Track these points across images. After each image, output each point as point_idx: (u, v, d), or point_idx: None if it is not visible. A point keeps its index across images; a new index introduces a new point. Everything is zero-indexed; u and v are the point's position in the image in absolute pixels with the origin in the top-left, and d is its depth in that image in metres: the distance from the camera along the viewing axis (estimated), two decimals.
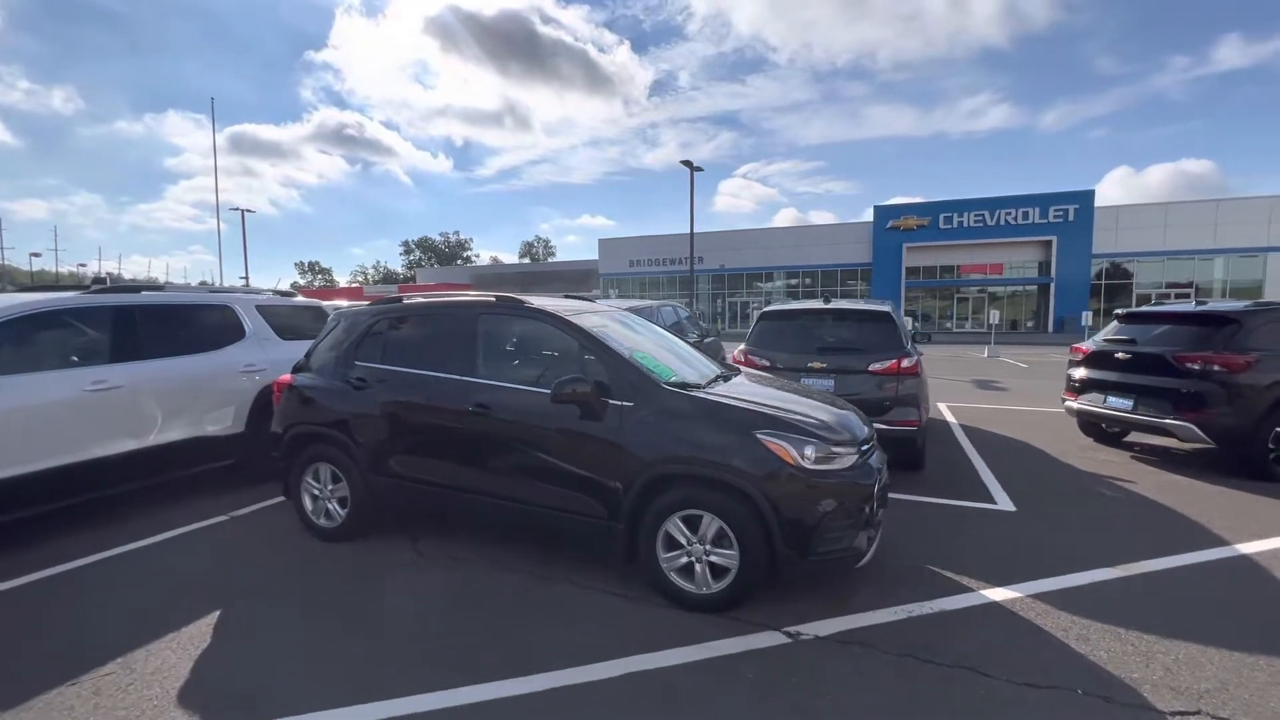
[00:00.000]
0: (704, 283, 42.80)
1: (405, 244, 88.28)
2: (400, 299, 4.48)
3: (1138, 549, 4.10)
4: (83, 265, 70.99)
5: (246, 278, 38.53)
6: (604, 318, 4.20)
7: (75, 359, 4.39)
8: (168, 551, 4.19)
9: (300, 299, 6.43)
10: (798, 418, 3.36)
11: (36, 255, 64.61)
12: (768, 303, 38.95)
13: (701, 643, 3.03)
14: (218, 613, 3.33)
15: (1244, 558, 3.98)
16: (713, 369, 4.31)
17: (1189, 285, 33.01)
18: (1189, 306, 6.48)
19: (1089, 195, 33.27)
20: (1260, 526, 4.48)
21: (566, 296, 4.78)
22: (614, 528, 3.47)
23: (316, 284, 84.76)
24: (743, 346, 6.17)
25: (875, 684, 2.70)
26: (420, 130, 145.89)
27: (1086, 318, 20.56)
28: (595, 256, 46.97)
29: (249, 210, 38.34)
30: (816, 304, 6.28)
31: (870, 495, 3.32)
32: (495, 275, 58.36)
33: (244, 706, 2.56)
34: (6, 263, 63.73)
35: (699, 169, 26.00)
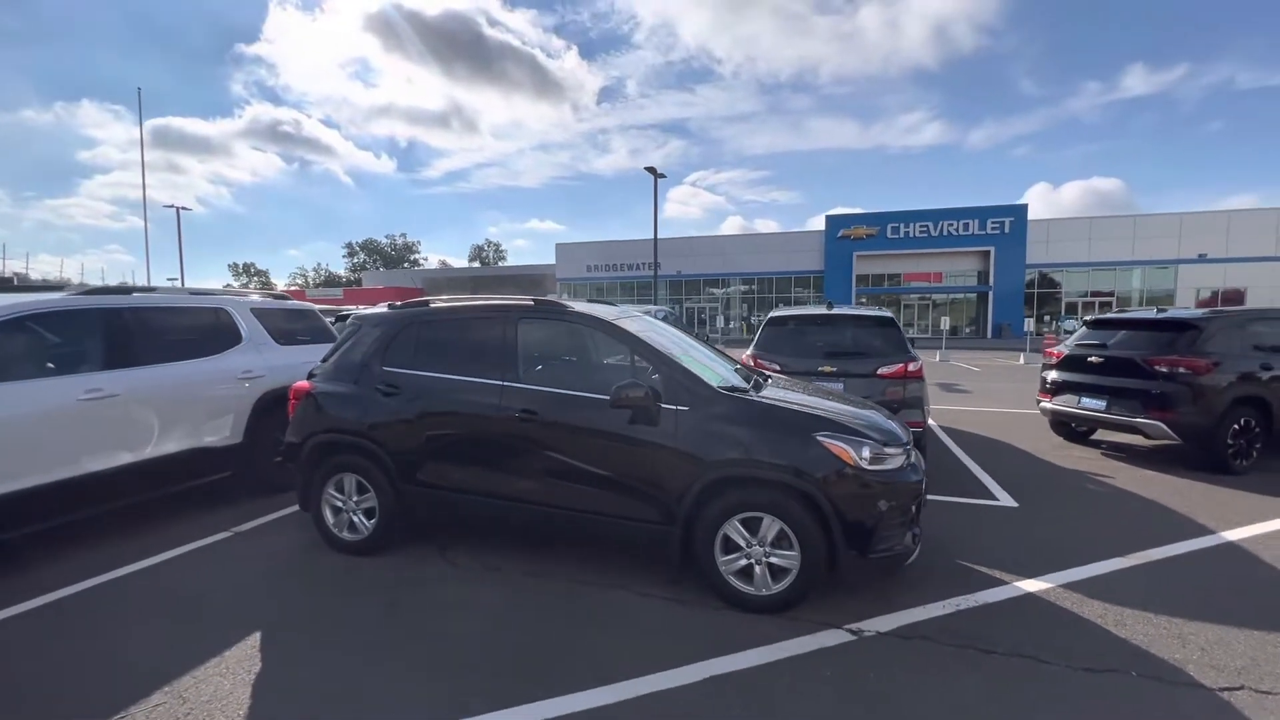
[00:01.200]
0: (662, 288, 43.08)
1: (349, 246, 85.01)
2: (427, 302, 4.34)
3: (1139, 539, 4.39)
4: None
5: (182, 279, 36.23)
6: (641, 321, 4.19)
7: (67, 366, 4.04)
8: (177, 571, 3.91)
9: (293, 302, 6.13)
10: (850, 420, 3.46)
11: None
12: (727, 307, 39.31)
13: (771, 643, 3.06)
14: (258, 634, 3.14)
15: (1232, 544, 4.33)
16: (738, 371, 4.37)
17: (1110, 294, 35.56)
18: (1151, 313, 7.01)
19: (1023, 209, 35.43)
20: (1237, 515, 4.88)
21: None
22: (669, 532, 3.47)
23: (252, 286, 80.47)
24: (750, 350, 6.27)
25: (949, 676, 2.80)
26: (362, 129, 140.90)
27: (1029, 324, 21.87)
28: (545, 261, 46.68)
29: (184, 208, 36.10)
30: (820, 309, 6.46)
31: (919, 493, 3.45)
32: (446, 279, 56.96)
33: None
34: None
35: (662, 175, 26.23)
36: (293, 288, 73.54)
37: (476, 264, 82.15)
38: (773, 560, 3.33)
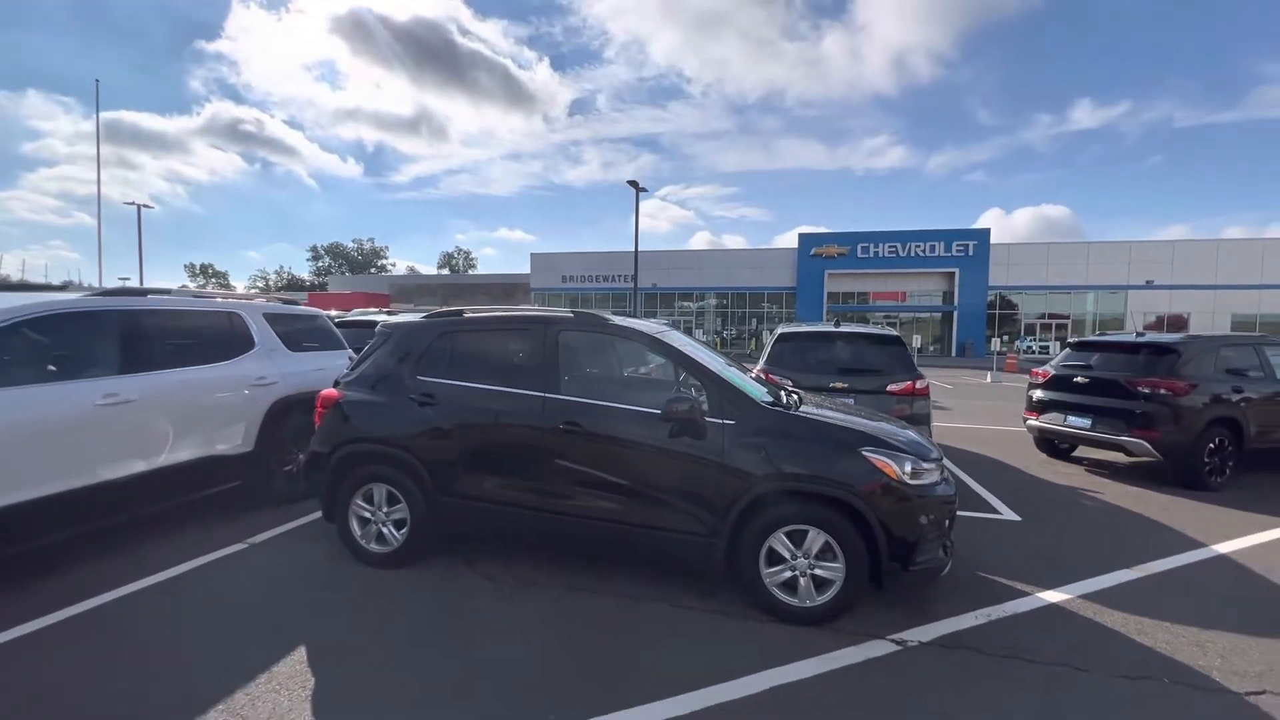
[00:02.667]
0: (637, 301, 43.29)
1: (314, 249, 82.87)
2: (460, 312, 4.32)
3: (1139, 552, 4.63)
4: None
5: (141, 279, 34.73)
6: (678, 336, 4.25)
7: (85, 369, 3.88)
8: (201, 582, 3.77)
9: (302, 307, 5.99)
10: (890, 436, 3.57)
11: None
12: (700, 319, 39.58)
13: (821, 654, 3.13)
14: (303, 649, 3.05)
15: (1224, 557, 4.60)
16: (772, 388, 4.47)
17: (1066, 317, 37.24)
18: (1132, 337, 7.41)
19: (986, 233, 36.93)
20: (1221, 529, 5.18)
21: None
22: (713, 544, 3.51)
23: (210, 288, 77.67)
24: (761, 365, 6.39)
25: (998, 685, 2.91)
26: (327, 132, 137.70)
27: (995, 344, 22.76)
28: (514, 269, 46.46)
29: (147, 206, 34.70)
30: (828, 327, 6.64)
31: (953, 508, 3.59)
32: (417, 285, 56.03)
33: None
34: None
35: (644, 189, 26.47)
36: (253, 290, 71.23)
37: (446, 271, 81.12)
38: (817, 572, 3.40)
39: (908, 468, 3.39)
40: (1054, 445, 8.08)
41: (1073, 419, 7.24)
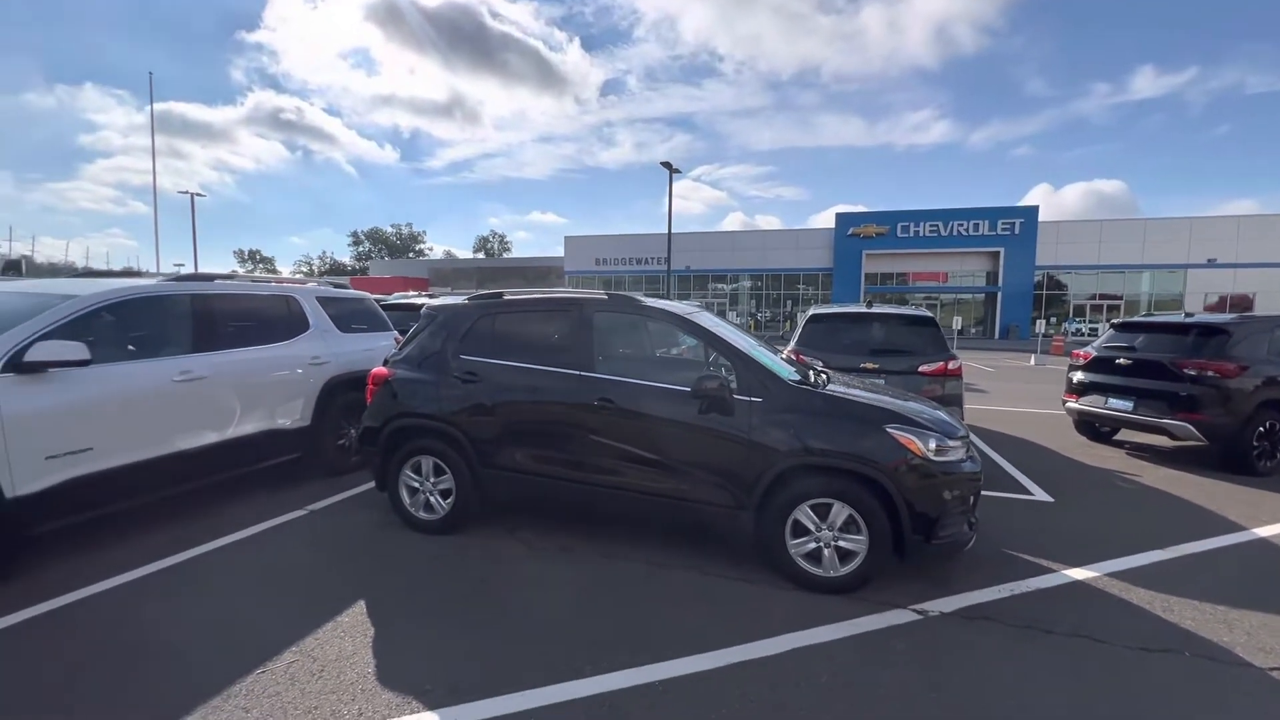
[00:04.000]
0: (671, 283, 43.26)
1: (354, 234, 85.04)
2: (500, 294, 4.54)
3: (1174, 533, 4.61)
4: None
5: (196, 265, 36.42)
6: (708, 317, 4.38)
7: (164, 349, 4.25)
8: (266, 545, 4.12)
9: (351, 291, 6.32)
10: (915, 413, 3.66)
11: None
12: (735, 302, 39.33)
13: (844, 620, 3.27)
14: (363, 603, 3.35)
15: (1265, 541, 4.53)
16: (794, 365, 4.57)
17: (1118, 298, 35.74)
18: (1179, 317, 7.19)
19: (1034, 210, 35.55)
20: (1265, 514, 5.09)
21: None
22: (740, 515, 3.67)
23: (258, 273, 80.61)
24: (792, 346, 6.46)
25: (1015, 652, 3.01)
26: (364, 119, 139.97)
27: (1040, 326, 22.06)
28: (547, 252, 46.79)
29: (198, 194, 36.25)
30: (859, 308, 6.65)
31: (977, 484, 3.66)
32: (453, 269, 57.11)
33: (453, 686, 2.63)
34: None
35: (678, 171, 26.35)
36: (297, 275, 73.71)
37: (481, 255, 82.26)
38: (840, 544, 3.54)
39: (932, 444, 3.48)
40: (1094, 428, 7.94)
41: (1114, 401, 7.11)
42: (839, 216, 38.82)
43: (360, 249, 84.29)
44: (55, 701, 2.51)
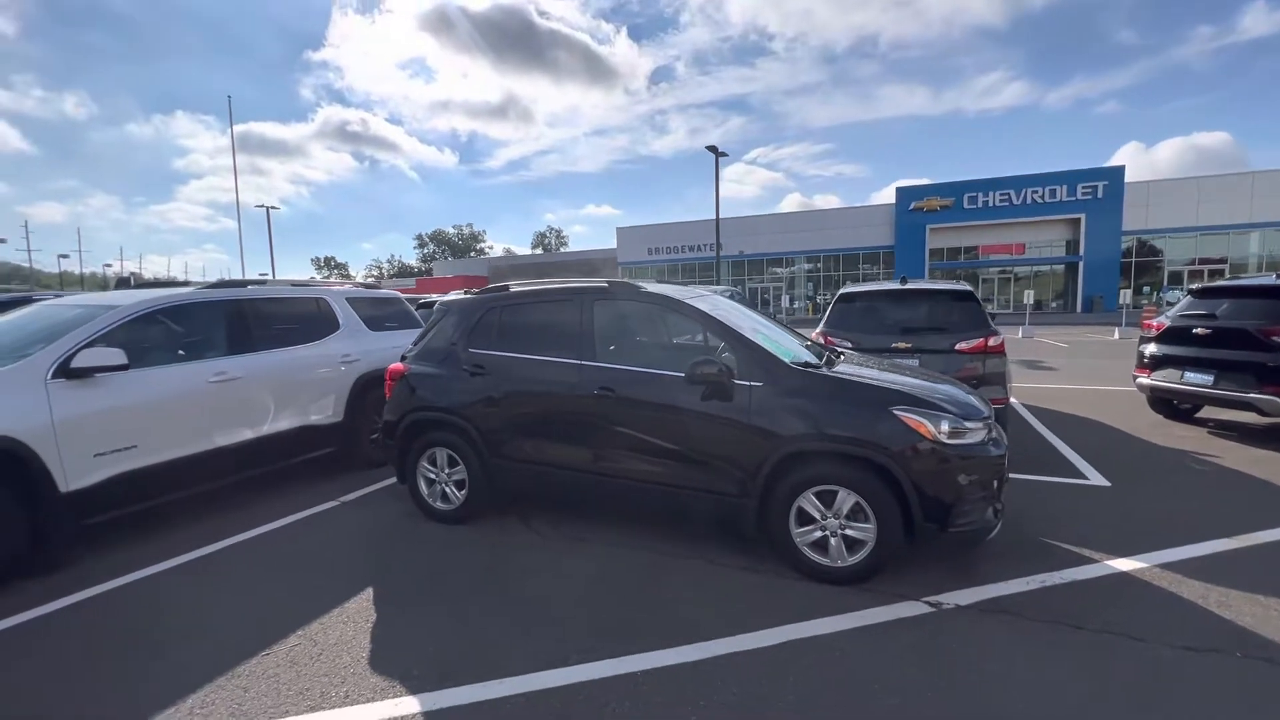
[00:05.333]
0: (723, 269, 42.70)
1: (419, 237, 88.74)
2: (506, 287, 4.58)
3: (1248, 520, 4.13)
4: (108, 265, 72.22)
5: (273, 273, 38.95)
6: (711, 301, 4.27)
7: (199, 352, 4.55)
8: (295, 535, 4.34)
9: (380, 291, 6.57)
10: (927, 394, 3.43)
11: (64, 257, 65.79)
12: (791, 286, 38.36)
13: (848, 612, 3.12)
14: (370, 590, 3.48)
15: None
16: (809, 348, 4.39)
17: (1222, 261, 32.41)
18: (1269, 280, 6.42)
19: (1119, 171, 32.69)
20: None
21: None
22: (744, 504, 3.56)
23: (335, 278, 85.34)
24: (821, 328, 6.21)
25: (1034, 649, 2.78)
26: (424, 125, 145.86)
27: (1124, 296, 20.28)
28: (604, 245, 46.94)
29: (274, 207, 38.71)
30: (893, 285, 6.31)
31: (1000, 469, 3.39)
32: (511, 266, 58.49)
33: (442, 672, 2.69)
34: (35, 266, 64.93)
35: (724, 154, 25.85)
36: (369, 279, 77.53)
37: (539, 250, 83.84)
38: (848, 533, 3.37)
39: (944, 426, 3.25)
40: (1171, 406, 7.24)
41: (1191, 375, 6.44)
42: (899, 191, 37.04)
43: (425, 251, 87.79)
44: (82, 678, 2.74)
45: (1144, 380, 6.98)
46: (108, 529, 4.11)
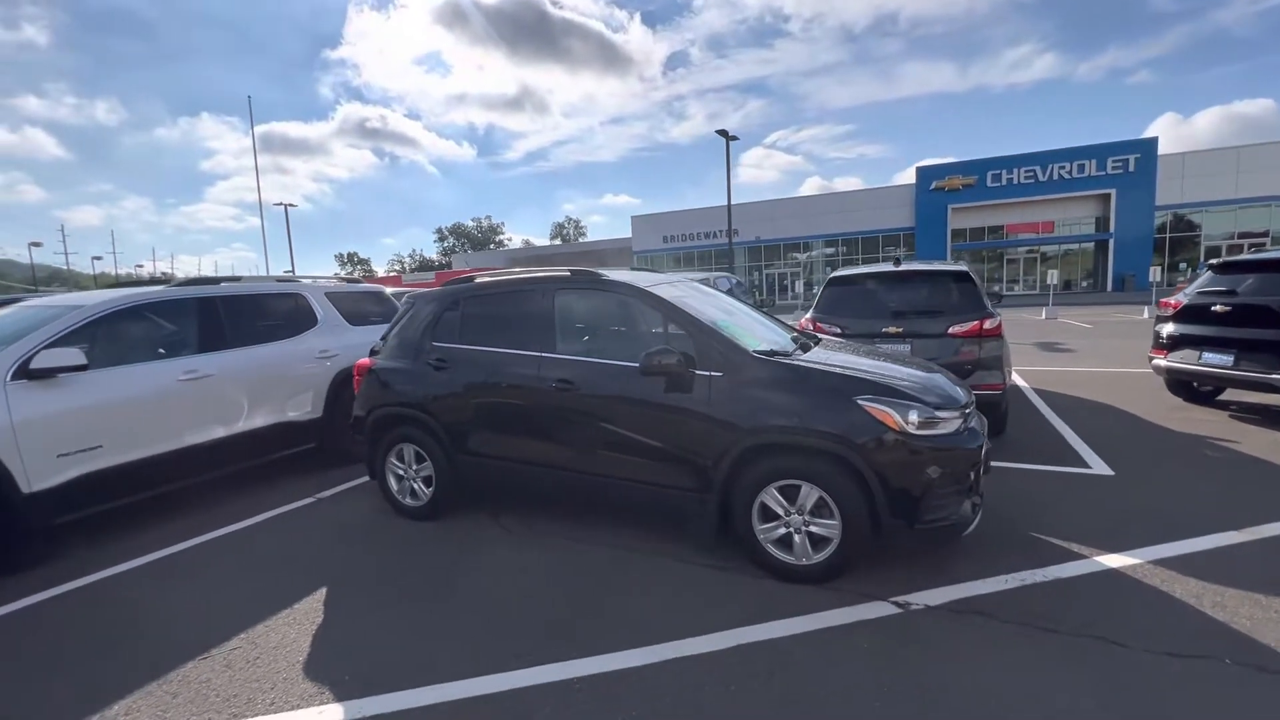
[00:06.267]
0: (740, 255, 42.18)
1: (439, 231, 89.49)
2: (472, 278, 4.46)
3: (1260, 511, 3.85)
4: (140, 266, 74.43)
5: (294, 270, 39.60)
6: (681, 288, 4.10)
7: (167, 350, 4.53)
8: (265, 533, 4.32)
9: (362, 285, 6.52)
10: (897, 382, 3.23)
11: (98, 259, 67.91)
12: (810, 271, 37.76)
13: (809, 614, 2.96)
14: (324, 590, 3.43)
15: None
16: (794, 335, 4.20)
17: (1264, 235, 30.89)
18: None
19: (1151, 144, 31.30)
20: None
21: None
22: (706, 500, 3.41)
23: (358, 274, 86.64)
24: (810, 314, 5.99)
25: (1000, 654, 2.59)
26: (441, 119, 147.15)
27: (1154, 273, 19.42)
28: (619, 234, 46.65)
29: (292, 205, 39.23)
30: (887, 267, 6.04)
31: (976, 460, 3.18)
32: (529, 257, 58.59)
33: (370, 678, 2.61)
34: (71, 268, 67.10)
35: (734, 138, 25.37)
36: (391, 273, 78.45)
37: (559, 241, 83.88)
38: (812, 529, 3.20)
39: (913, 416, 3.05)
40: (1191, 388, 6.85)
41: (1209, 356, 6.06)
42: (920, 170, 36.05)
43: (445, 244, 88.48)
44: (9, 682, 2.72)
45: (1160, 362, 6.60)
46: (78, 529, 4.12)
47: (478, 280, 4.41)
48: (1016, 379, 8.69)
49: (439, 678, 2.60)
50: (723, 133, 24.89)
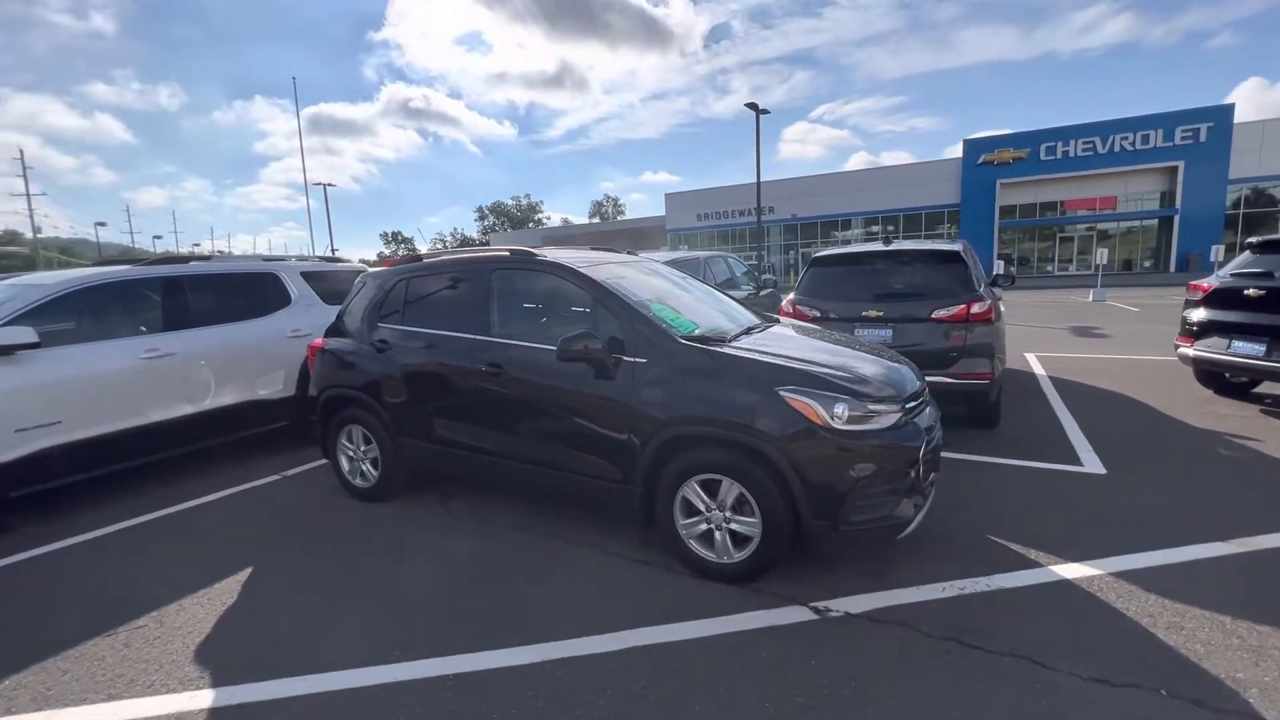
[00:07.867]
0: (775, 234, 41.15)
1: (480, 210, 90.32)
2: (420, 257, 4.37)
3: (1258, 521, 3.45)
4: (197, 245, 77.85)
5: (332, 249, 40.69)
6: (625, 268, 3.91)
7: (129, 329, 4.61)
8: (215, 511, 4.37)
9: (341, 265, 6.53)
10: (830, 372, 2.98)
11: (159, 238, 71.31)
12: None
13: (718, 616, 2.80)
14: (249, 571, 3.44)
15: None
16: (748, 320, 3.96)
17: None
18: None
19: (1226, 111, 28.75)
20: None
21: (593, 249, 4.50)
22: (630, 492, 3.26)
23: (400, 253, 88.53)
24: (791, 296, 5.69)
25: (908, 670, 2.37)
26: (483, 98, 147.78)
27: (1217, 252, 17.90)
28: (658, 212, 45.97)
29: (330, 185, 40.13)
30: (875, 246, 5.66)
31: (915, 459, 2.92)
32: (565, 235, 58.59)
33: (254, 664, 2.59)
34: (135, 245, 70.78)
35: (765, 111, 24.50)
36: (436, 247, 79.71)
37: (596, 220, 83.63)
38: (734, 527, 3.01)
39: (838, 410, 2.81)
40: (1223, 380, 6.27)
41: (1239, 344, 5.51)
42: (967, 144, 34.18)
43: (485, 223, 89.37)
44: None
45: (1186, 350, 6.05)
46: (33, 503, 4.22)
47: (424, 260, 4.31)
48: (1034, 366, 8.16)
49: (317, 668, 2.55)
50: (752, 106, 24.10)
